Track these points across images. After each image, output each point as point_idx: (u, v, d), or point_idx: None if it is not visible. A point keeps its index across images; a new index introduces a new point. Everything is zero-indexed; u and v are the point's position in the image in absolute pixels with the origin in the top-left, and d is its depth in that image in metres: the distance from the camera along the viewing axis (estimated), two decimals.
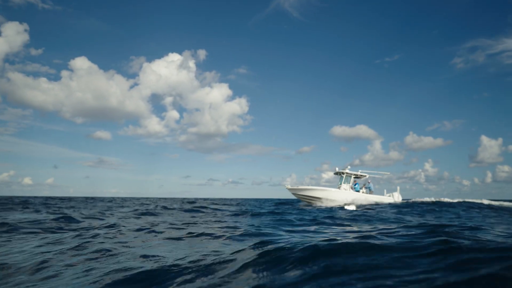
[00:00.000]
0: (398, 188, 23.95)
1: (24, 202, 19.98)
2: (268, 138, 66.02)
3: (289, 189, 23.58)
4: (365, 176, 24.30)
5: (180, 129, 57.52)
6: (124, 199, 28.13)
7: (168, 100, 53.99)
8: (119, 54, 61.64)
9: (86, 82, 44.28)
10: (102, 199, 26.04)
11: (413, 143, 61.11)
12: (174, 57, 52.46)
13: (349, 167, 24.16)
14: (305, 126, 68.82)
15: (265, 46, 67.07)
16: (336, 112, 67.57)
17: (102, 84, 46.41)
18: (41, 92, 42.41)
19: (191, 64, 54.54)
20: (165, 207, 13.73)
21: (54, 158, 53.99)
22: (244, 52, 68.56)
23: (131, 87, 49.00)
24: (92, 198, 30.72)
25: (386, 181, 61.08)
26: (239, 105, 54.83)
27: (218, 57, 68.36)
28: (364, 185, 24.29)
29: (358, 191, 23.94)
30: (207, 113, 55.11)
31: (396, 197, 23.61)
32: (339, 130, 59.91)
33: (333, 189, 23.02)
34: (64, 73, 46.65)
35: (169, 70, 50.90)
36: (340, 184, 23.99)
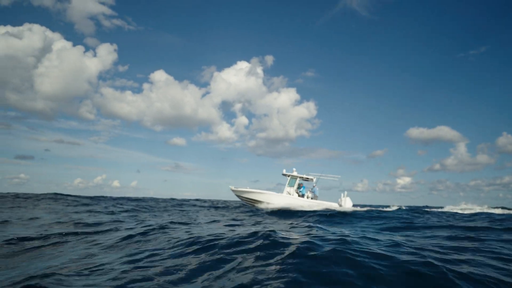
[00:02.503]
0: (346, 193, 22.31)
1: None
2: (337, 141, 65.24)
3: (233, 190, 23.33)
4: (312, 179, 23.04)
5: (249, 135, 59.70)
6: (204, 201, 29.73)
7: (238, 106, 55.86)
8: (192, 65, 65.69)
9: (163, 93, 49.63)
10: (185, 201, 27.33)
11: (508, 145, 53.81)
12: (243, 65, 54.62)
13: (293, 169, 23.08)
14: (377, 129, 66.15)
15: (332, 47, 66.19)
16: (413, 113, 63.55)
17: (178, 94, 50.53)
18: (127, 104, 49.76)
19: (259, 70, 55.77)
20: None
21: (137, 163, 61.34)
22: (311, 55, 66.65)
23: (203, 95, 53.76)
24: (172, 199, 33.74)
25: (473, 188, 54.37)
26: (307, 109, 55.24)
27: (285, 62, 67.35)
28: (310, 189, 23.06)
29: (303, 194, 22.83)
30: (275, 118, 55.41)
31: (345, 203, 22.07)
32: (416, 132, 56.81)
33: (272, 193, 22.27)
34: (145, 85, 53.48)
35: (238, 78, 53.38)
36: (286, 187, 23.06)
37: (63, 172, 52.97)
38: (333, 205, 21.95)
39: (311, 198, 22.73)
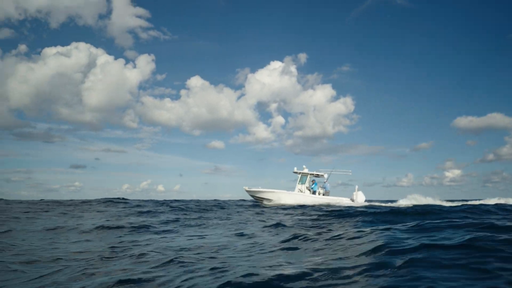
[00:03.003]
0: (357, 187, 22.67)
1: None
2: (377, 136, 64.12)
3: (247, 191, 23.46)
4: (323, 175, 23.28)
5: (286, 134, 59.27)
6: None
7: (273, 106, 55.89)
8: (226, 68, 66.24)
9: (200, 98, 51.52)
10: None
11: None
12: (276, 65, 54.26)
13: (303, 166, 23.24)
14: (420, 120, 63.01)
15: (368, 39, 63.75)
16: (459, 102, 60.02)
17: (214, 98, 51.82)
18: (166, 111, 51.87)
19: (293, 69, 55.40)
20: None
21: (179, 168, 62.99)
22: (346, 49, 65.41)
23: (238, 98, 54.31)
24: (214, 200, 34.42)
25: None
26: (344, 105, 54.57)
27: (319, 58, 65.93)
28: (322, 185, 23.29)
29: (315, 191, 23.03)
30: (311, 115, 55.12)
31: (358, 198, 22.41)
32: (464, 121, 55.69)
33: (283, 191, 22.41)
34: (183, 92, 54.94)
35: (272, 78, 53.61)
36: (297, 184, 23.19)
37: (112, 178, 56.09)
38: (344, 200, 22.26)
39: (323, 194, 22.96)
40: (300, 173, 23.23)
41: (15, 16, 42.91)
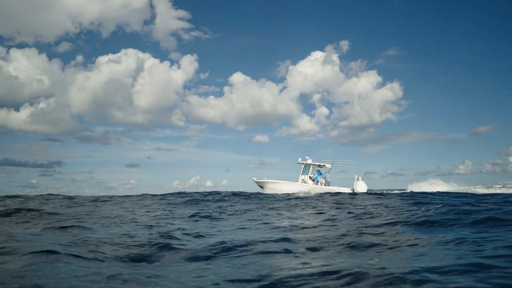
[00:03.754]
0: (356, 176, 23.76)
1: None
2: (430, 122, 58.84)
3: (255, 181, 24.73)
4: (325, 165, 24.42)
5: (330, 125, 57.73)
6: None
7: (316, 97, 54.36)
8: (267, 62, 66.76)
9: (243, 93, 51.93)
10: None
11: None
12: (317, 55, 52.86)
13: (306, 157, 24.36)
14: (478, 103, 53.75)
15: (415, 19, 57.64)
16: None
17: (256, 93, 51.93)
18: (211, 108, 53.54)
19: (335, 57, 53.91)
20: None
21: (225, 163, 64.08)
22: (391, 32, 61.41)
23: (281, 90, 53.78)
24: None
25: None
26: (391, 91, 53.64)
27: (362, 44, 63.22)
28: (324, 175, 24.46)
29: (318, 180, 24.23)
30: (356, 104, 53.58)
31: (358, 188, 23.45)
32: None
33: (286, 182, 23.70)
34: (226, 88, 56.16)
35: (313, 68, 52.12)
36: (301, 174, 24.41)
37: (164, 176, 58.71)
38: (344, 190, 23.41)
39: (323, 184, 24.15)
40: (303, 163, 24.37)
41: (72, 30, 46.80)
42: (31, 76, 44.57)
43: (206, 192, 21.12)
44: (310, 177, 24.22)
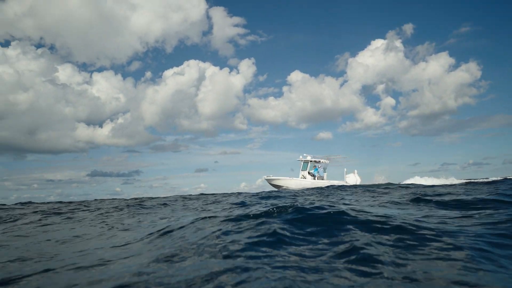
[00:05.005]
0: (345, 169, 27.19)
1: None
2: None
3: (266, 179, 28.19)
4: (320, 161, 27.98)
5: (398, 115, 54.94)
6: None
7: (380, 88, 52.65)
8: (324, 57, 65.71)
9: (302, 91, 52.75)
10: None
11: None
12: (378, 43, 51.16)
13: (304, 154, 28.00)
14: None
15: None
16: None
17: (316, 89, 52.49)
18: (271, 109, 55.38)
19: (398, 43, 51.52)
20: None
21: (289, 163, 64.83)
22: (462, 6, 54.12)
23: (341, 84, 53.35)
24: None
25: None
26: (467, 72, 45.89)
27: (428, 25, 57.49)
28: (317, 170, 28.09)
29: (315, 175, 27.79)
30: (426, 91, 49.61)
31: (349, 180, 26.89)
32: None
33: (288, 178, 27.25)
34: (285, 88, 57.71)
35: (375, 58, 50.46)
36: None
37: (231, 178, 59.98)
38: (336, 183, 26.89)
39: (317, 179, 27.68)
40: (302, 160, 27.98)
41: (140, 50, 52.39)
42: (110, 95, 50.84)
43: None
44: (309, 172, 27.83)
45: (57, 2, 46.41)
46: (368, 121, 52.37)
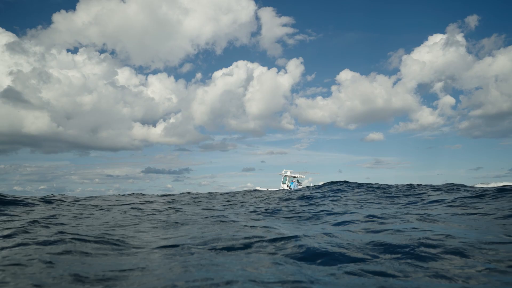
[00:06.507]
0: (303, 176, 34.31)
1: None
2: None
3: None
4: (296, 176, 34.78)
5: (459, 115, 50.86)
6: None
7: (438, 86, 48.65)
8: (376, 55, 63.02)
9: (352, 90, 51.17)
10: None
11: None
12: (436, 38, 47.76)
13: (285, 170, 34.78)
14: None
15: None
16: None
17: (366, 89, 50.16)
18: (319, 109, 54.52)
19: (459, 37, 47.71)
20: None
21: (337, 164, 60.77)
22: None
23: (394, 83, 50.64)
24: None
25: None
26: None
27: (496, 15, 52.78)
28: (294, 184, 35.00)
29: (291, 187, 34.53)
30: (492, 88, 44.62)
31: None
32: None
33: (271, 189, 33.56)
34: (333, 88, 56.73)
35: (432, 54, 46.51)
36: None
37: (277, 178, 59.36)
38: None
39: None
40: (283, 175, 34.70)
41: (191, 52, 54.69)
42: (163, 96, 54.14)
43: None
44: (287, 185, 34.53)
45: (118, 10, 50.26)
46: (423, 122, 48.60)
